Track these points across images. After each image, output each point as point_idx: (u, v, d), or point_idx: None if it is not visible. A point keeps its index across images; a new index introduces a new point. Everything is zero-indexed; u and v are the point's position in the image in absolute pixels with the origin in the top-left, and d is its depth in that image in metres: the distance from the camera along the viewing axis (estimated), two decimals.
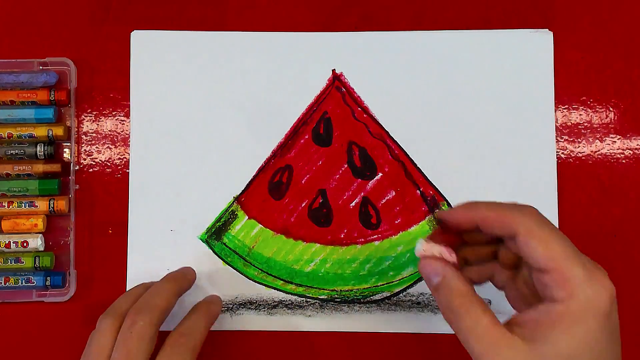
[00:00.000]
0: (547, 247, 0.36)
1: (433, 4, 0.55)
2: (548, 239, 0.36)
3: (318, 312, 0.53)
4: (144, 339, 0.44)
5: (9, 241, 0.52)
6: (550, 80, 0.54)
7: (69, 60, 0.54)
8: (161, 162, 0.54)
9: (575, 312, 0.34)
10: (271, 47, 0.54)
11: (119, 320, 0.46)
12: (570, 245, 0.36)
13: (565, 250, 0.36)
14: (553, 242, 0.36)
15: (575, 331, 0.34)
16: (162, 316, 0.46)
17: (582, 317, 0.34)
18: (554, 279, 0.35)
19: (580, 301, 0.34)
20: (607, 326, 0.34)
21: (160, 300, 0.47)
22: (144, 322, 0.45)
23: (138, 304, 0.46)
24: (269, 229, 0.53)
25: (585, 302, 0.34)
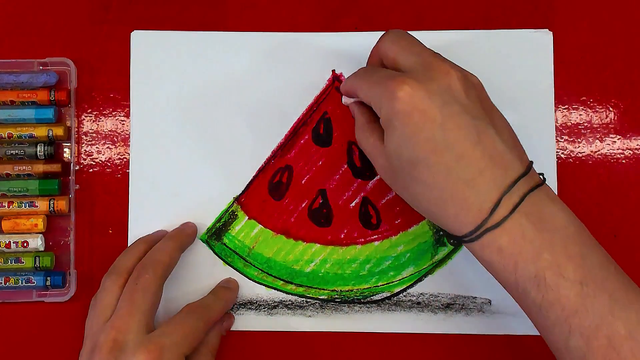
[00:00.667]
0: (362, 92, 0.46)
1: (433, 4, 0.55)
2: (361, 84, 0.46)
3: (318, 313, 0.53)
4: (149, 290, 0.46)
5: (9, 241, 0.52)
6: (551, 80, 0.54)
7: (69, 61, 0.54)
8: (161, 162, 0.54)
9: (385, 121, 0.42)
10: (271, 47, 0.54)
11: (123, 278, 0.47)
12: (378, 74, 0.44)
13: (370, 84, 0.44)
14: (364, 84, 0.45)
15: (390, 133, 0.42)
16: (166, 271, 0.48)
17: (389, 122, 0.42)
18: (374, 107, 0.44)
19: (384, 113, 0.42)
20: (412, 121, 0.41)
21: (164, 256, 0.48)
22: (150, 275, 0.46)
23: (143, 260, 0.48)
24: (269, 229, 0.53)
25: (386, 113, 0.42)
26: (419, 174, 0.41)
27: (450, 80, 0.41)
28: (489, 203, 0.40)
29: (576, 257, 0.40)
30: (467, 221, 0.41)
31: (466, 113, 0.41)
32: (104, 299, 0.46)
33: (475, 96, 0.42)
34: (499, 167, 0.40)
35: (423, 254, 0.53)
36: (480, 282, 0.52)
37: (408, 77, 0.41)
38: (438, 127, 0.40)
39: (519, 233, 0.40)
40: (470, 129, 0.40)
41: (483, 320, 0.52)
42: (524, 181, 0.41)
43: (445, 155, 0.40)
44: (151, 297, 0.46)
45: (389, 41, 0.45)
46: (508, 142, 0.42)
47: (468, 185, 0.40)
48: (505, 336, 0.52)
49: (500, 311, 0.52)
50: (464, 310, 0.52)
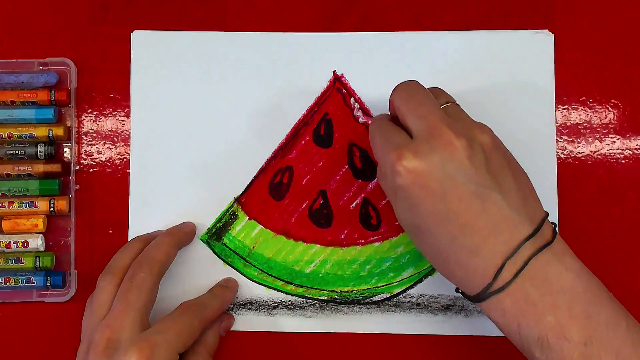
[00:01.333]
0: (373, 150, 0.45)
1: (433, 5, 0.55)
2: (372, 141, 0.46)
3: (318, 313, 0.53)
4: (143, 289, 0.46)
5: (9, 241, 0.52)
6: (551, 81, 0.54)
7: (69, 61, 0.54)
8: (161, 163, 0.54)
9: (389, 189, 0.43)
10: (272, 48, 0.54)
11: (118, 277, 0.47)
12: (385, 137, 0.44)
13: (377, 147, 0.44)
14: (375, 142, 0.45)
15: (394, 201, 0.43)
16: (162, 268, 0.48)
17: (392, 192, 0.43)
18: (379, 169, 0.45)
19: (387, 182, 0.43)
20: (413, 194, 0.41)
21: (160, 253, 0.48)
22: (145, 273, 0.47)
23: (138, 258, 0.48)
24: (269, 230, 0.53)
25: (389, 182, 0.42)
26: (425, 240, 0.43)
27: (453, 150, 0.40)
28: (493, 269, 0.40)
29: (581, 317, 0.39)
30: (472, 285, 0.41)
31: (470, 182, 0.40)
32: (99, 298, 0.47)
33: (481, 162, 0.41)
34: (504, 232, 0.40)
35: (423, 255, 0.53)
36: None
37: (408, 150, 0.41)
38: (439, 200, 0.40)
39: (522, 297, 0.40)
40: (474, 199, 0.40)
41: (482, 322, 0.52)
42: (531, 243, 0.40)
43: (448, 225, 0.41)
44: (146, 295, 0.46)
45: (398, 99, 0.44)
46: (515, 203, 0.41)
47: (472, 253, 0.41)
48: (505, 338, 0.52)
49: None
50: (464, 312, 0.53)
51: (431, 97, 0.44)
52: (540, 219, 0.42)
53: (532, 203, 0.43)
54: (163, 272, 0.48)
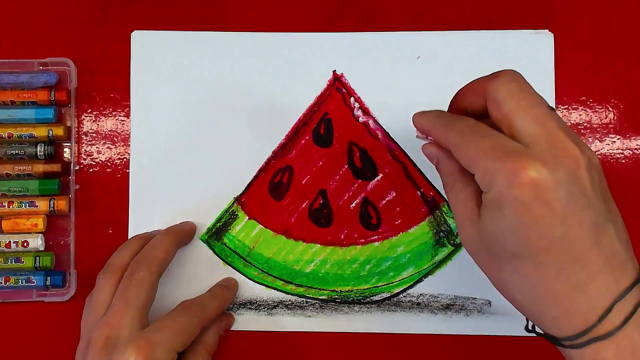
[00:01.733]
0: (463, 154, 0.38)
1: (433, 5, 0.55)
2: (466, 144, 0.38)
3: (318, 313, 0.53)
4: (143, 287, 0.46)
5: (9, 241, 0.52)
6: (551, 81, 0.54)
7: (69, 61, 0.54)
8: (161, 162, 0.54)
9: (494, 200, 0.36)
10: (272, 48, 0.54)
11: (117, 275, 0.47)
12: (492, 139, 0.37)
13: (480, 149, 0.37)
14: (470, 145, 0.38)
15: (497, 216, 0.36)
16: (161, 267, 0.48)
17: (499, 205, 0.36)
18: (477, 176, 0.37)
19: (495, 192, 0.35)
20: (531, 213, 0.34)
21: (159, 251, 0.48)
22: (144, 271, 0.46)
23: (138, 256, 0.48)
24: (269, 230, 0.53)
25: (498, 193, 0.35)
26: (523, 269, 0.36)
27: (579, 168, 0.35)
28: (598, 311, 0.35)
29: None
30: (568, 326, 0.36)
31: (590, 208, 0.35)
32: (98, 296, 0.47)
33: (598, 186, 0.36)
34: (614, 271, 0.35)
35: (423, 254, 0.53)
36: (480, 283, 0.52)
37: (533, 159, 0.35)
38: (559, 223, 0.35)
39: (629, 347, 0.35)
40: (592, 226, 0.35)
41: (483, 321, 0.52)
42: (638, 288, 0.36)
43: (560, 254, 0.35)
44: (145, 293, 0.46)
45: (504, 92, 0.38)
46: (624, 240, 0.37)
47: (577, 289, 0.35)
48: (505, 337, 0.52)
49: (500, 312, 0.52)
50: (464, 311, 0.53)
51: (542, 98, 0.39)
52: (634, 261, 0.37)
53: (631, 246, 0.38)
54: (162, 271, 0.48)
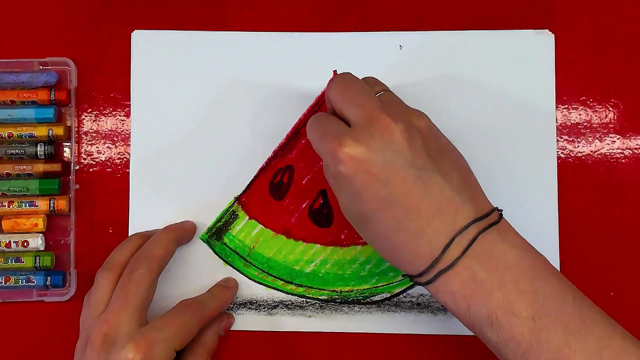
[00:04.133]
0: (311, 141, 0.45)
1: (433, 4, 0.55)
2: (310, 133, 0.45)
3: (318, 313, 0.53)
4: (142, 285, 0.46)
5: (9, 241, 0.52)
6: (552, 81, 0.54)
7: (70, 60, 0.54)
8: (161, 162, 0.54)
9: (331, 179, 0.44)
10: (272, 48, 0.54)
11: (115, 273, 0.48)
12: (323, 128, 0.44)
13: (316, 138, 0.44)
14: (312, 134, 0.45)
15: (337, 191, 0.44)
16: (161, 265, 0.48)
17: (335, 182, 0.43)
18: (322, 159, 0.44)
19: (329, 172, 0.43)
20: (356, 182, 0.41)
21: (159, 249, 0.48)
22: (143, 269, 0.47)
23: (137, 254, 0.48)
24: (269, 229, 0.53)
25: (331, 173, 0.43)
26: (371, 228, 0.42)
27: (392, 134, 0.41)
28: (438, 250, 0.40)
29: (528, 293, 0.40)
30: (419, 265, 0.41)
31: (410, 166, 0.41)
32: (97, 293, 0.47)
33: (420, 145, 0.42)
34: (448, 213, 0.41)
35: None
36: None
37: (348, 137, 0.41)
38: (382, 185, 0.40)
39: (470, 276, 0.40)
40: (416, 181, 0.41)
41: None
42: (477, 224, 0.41)
43: (393, 210, 0.41)
44: (144, 291, 0.46)
45: (334, 91, 0.45)
46: (456, 184, 0.42)
47: (417, 235, 0.41)
48: None
49: None
50: None
51: (366, 86, 0.45)
52: (488, 207, 0.43)
53: (472, 185, 0.44)
54: (162, 269, 0.48)
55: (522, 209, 0.53)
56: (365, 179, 0.41)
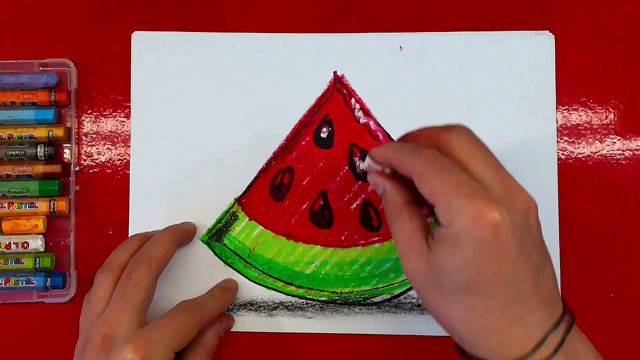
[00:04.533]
0: (428, 185, 0.39)
1: (433, 5, 0.55)
2: (432, 176, 0.39)
3: (318, 314, 0.53)
4: (141, 286, 0.46)
5: (9, 242, 0.52)
6: (552, 82, 0.54)
7: (69, 61, 0.54)
8: (161, 163, 0.54)
9: (453, 235, 0.37)
10: (272, 49, 0.54)
11: (115, 273, 0.48)
12: (458, 176, 0.38)
13: (447, 184, 0.38)
14: (437, 178, 0.38)
15: (454, 251, 0.37)
16: (160, 266, 0.48)
17: (458, 241, 0.37)
18: (439, 209, 0.38)
19: (456, 228, 0.37)
20: (489, 252, 0.37)
21: (158, 250, 0.48)
22: (143, 270, 0.47)
23: (137, 255, 0.48)
24: (269, 231, 0.53)
25: (460, 229, 0.37)
26: (470, 302, 0.38)
27: (530, 212, 0.38)
28: (533, 342, 0.38)
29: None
30: (505, 355, 0.38)
31: (536, 250, 0.39)
32: (96, 294, 0.47)
33: (540, 229, 0.40)
34: (548, 306, 0.39)
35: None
36: None
37: (496, 201, 0.37)
38: (511, 263, 0.37)
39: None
40: (536, 267, 0.38)
41: None
42: (564, 322, 0.39)
43: (508, 291, 0.38)
44: (144, 292, 0.46)
45: (459, 141, 0.40)
46: (555, 280, 0.40)
47: (517, 323, 0.38)
48: None
49: None
50: None
51: None
52: (562, 303, 0.41)
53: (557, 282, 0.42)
54: (161, 270, 0.48)
55: None
56: (499, 252, 0.37)
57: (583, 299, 0.52)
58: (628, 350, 0.53)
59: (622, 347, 0.53)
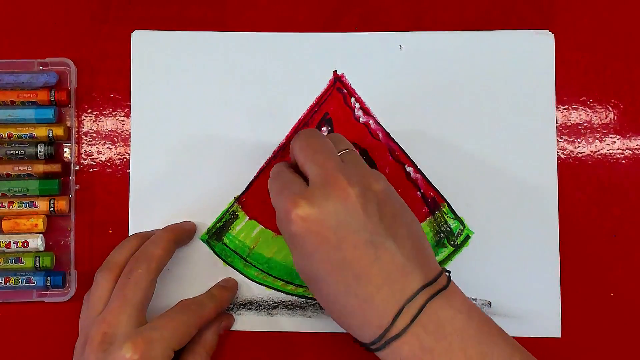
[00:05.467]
0: (270, 196, 0.45)
1: (433, 4, 0.55)
2: (270, 187, 0.46)
3: (318, 313, 0.53)
4: (140, 285, 0.46)
5: (9, 241, 0.52)
6: (552, 81, 0.54)
7: (69, 61, 0.54)
8: (161, 162, 0.54)
9: (285, 236, 0.43)
10: (272, 48, 0.54)
11: (114, 273, 0.48)
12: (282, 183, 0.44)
13: (274, 192, 0.44)
14: (273, 188, 0.45)
15: (291, 249, 0.43)
16: (160, 265, 0.48)
17: (288, 240, 0.43)
18: (277, 215, 0.44)
19: (282, 229, 0.43)
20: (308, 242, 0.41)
21: (158, 249, 0.48)
22: (142, 269, 0.47)
23: (136, 254, 0.48)
24: (269, 230, 0.53)
25: (283, 230, 0.43)
26: (321, 289, 0.42)
27: (347, 197, 0.41)
28: (388, 318, 0.40)
29: (475, 358, 0.40)
30: (369, 334, 0.41)
31: (363, 230, 0.40)
32: (96, 293, 0.47)
33: (374, 210, 0.41)
34: (398, 280, 0.40)
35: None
36: (480, 283, 0.52)
37: (302, 198, 0.41)
38: (333, 248, 0.40)
39: (418, 344, 0.40)
40: (368, 247, 0.40)
41: None
42: (425, 291, 0.40)
43: (343, 274, 0.40)
44: (143, 291, 0.46)
45: (297, 147, 0.45)
46: (409, 252, 0.41)
47: (366, 302, 0.40)
48: None
49: (500, 313, 0.52)
50: None
51: (329, 145, 0.44)
52: (436, 270, 0.42)
53: (424, 251, 0.43)
54: (161, 269, 0.48)
55: (522, 209, 0.53)
56: (317, 241, 0.40)
57: (583, 299, 0.52)
58: (628, 350, 0.53)
59: (622, 347, 0.53)
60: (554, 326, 0.52)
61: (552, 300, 0.52)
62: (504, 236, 0.53)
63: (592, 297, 0.53)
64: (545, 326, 0.52)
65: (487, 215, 0.53)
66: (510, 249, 0.52)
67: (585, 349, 0.52)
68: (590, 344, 0.52)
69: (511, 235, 0.53)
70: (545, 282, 0.52)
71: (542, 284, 0.52)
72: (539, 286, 0.52)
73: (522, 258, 0.52)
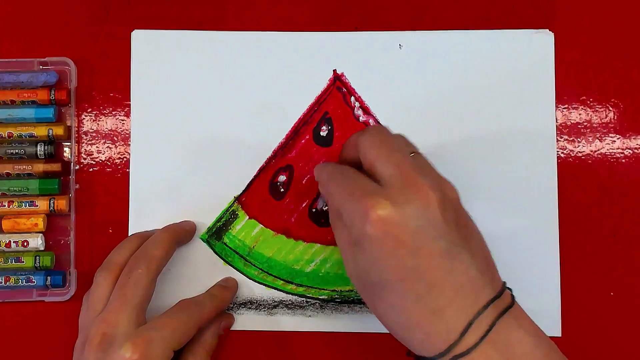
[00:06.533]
0: (332, 197, 0.43)
1: (433, 4, 0.55)
2: (334, 188, 0.43)
3: (318, 313, 0.53)
4: (140, 285, 0.46)
5: (9, 241, 0.52)
6: (551, 80, 0.54)
7: (69, 60, 0.54)
8: (161, 162, 0.54)
9: (356, 237, 0.40)
10: (272, 47, 0.54)
11: (114, 273, 0.48)
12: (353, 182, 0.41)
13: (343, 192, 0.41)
14: (337, 188, 0.42)
15: (360, 252, 0.40)
16: (159, 265, 0.48)
17: (359, 242, 0.40)
18: (344, 216, 0.41)
19: (355, 230, 0.40)
20: (384, 247, 0.38)
21: (158, 249, 0.48)
22: (142, 269, 0.47)
23: (136, 254, 0.48)
24: (269, 229, 0.53)
25: (357, 231, 0.39)
26: (386, 298, 0.40)
27: (429, 202, 0.38)
28: (456, 333, 0.38)
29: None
30: (433, 348, 0.39)
31: (441, 238, 0.38)
32: (95, 293, 0.47)
33: (452, 217, 0.40)
34: (470, 294, 0.38)
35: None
36: None
37: (383, 198, 0.38)
38: (410, 254, 0.38)
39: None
40: (444, 256, 0.38)
41: None
42: (493, 306, 0.39)
43: (416, 283, 0.38)
44: (143, 291, 0.46)
45: (368, 144, 0.42)
46: (481, 265, 0.40)
47: (436, 314, 0.38)
48: None
49: None
50: None
51: (403, 145, 0.43)
52: (500, 283, 0.41)
53: (492, 266, 0.42)
54: (160, 269, 0.48)
55: (522, 208, 0.53)
56: (393, 245, 0.38)
57: (583, 299, 0.52)
58: (628, 349, 0.53)
59: (622, 347, 0.53)
60: (554, 325, 0.52)
61: (552, 300, 0.52)
62: (504, 236, 0.53)
63: (592, 297, 0.53)
64: (545, 325, 0.51)
65: (487, 214, 0.53)
66: (510, 249, 0.52)
67: (585, 349, 0.52)
68: (590, 343, 0.52)
69: (511, 235, 0.53)
70: (545, 282, 0.52)
71: (542, 284, 0.52)
72: (539, 286, 0.52)
73: (522, 258, 0.52)
